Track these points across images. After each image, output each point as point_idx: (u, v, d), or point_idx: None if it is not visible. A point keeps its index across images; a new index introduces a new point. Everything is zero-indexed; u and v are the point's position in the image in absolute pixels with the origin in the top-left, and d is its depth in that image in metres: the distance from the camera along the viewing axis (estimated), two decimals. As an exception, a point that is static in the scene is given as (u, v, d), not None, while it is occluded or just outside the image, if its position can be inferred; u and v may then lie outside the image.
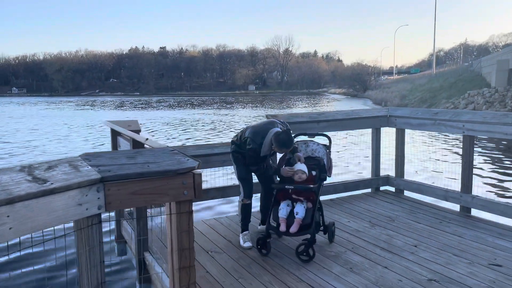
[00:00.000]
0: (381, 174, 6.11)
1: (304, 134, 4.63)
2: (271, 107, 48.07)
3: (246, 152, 4.00)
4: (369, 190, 6.11)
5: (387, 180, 6.10)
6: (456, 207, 5.21)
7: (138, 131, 4.56)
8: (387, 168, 6.36)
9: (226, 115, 35.03)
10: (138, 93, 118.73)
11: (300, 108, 46.17)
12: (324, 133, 4.59)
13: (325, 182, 4.26)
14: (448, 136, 16.54)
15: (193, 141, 18.40)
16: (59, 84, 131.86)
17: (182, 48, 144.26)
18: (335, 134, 6.58)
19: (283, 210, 3.87)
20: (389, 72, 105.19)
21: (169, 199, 2.31)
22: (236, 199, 6.98)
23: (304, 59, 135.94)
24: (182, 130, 23.24)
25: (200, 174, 2.36)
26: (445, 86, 39.57)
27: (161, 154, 2.36)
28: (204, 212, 7.19)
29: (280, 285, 3.35)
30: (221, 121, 28.92)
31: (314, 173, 4.11)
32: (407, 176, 6.11)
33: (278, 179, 4.29)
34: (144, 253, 3.50)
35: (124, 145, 4.11)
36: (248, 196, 4.18)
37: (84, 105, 56.65)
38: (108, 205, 2.13)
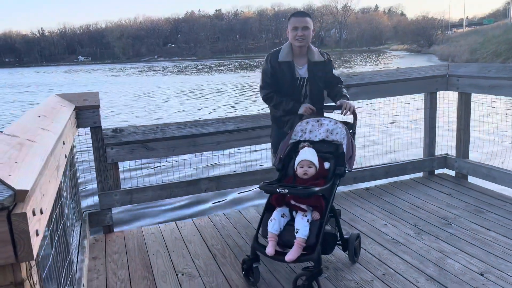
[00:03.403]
0: (436, 154, 4.63)
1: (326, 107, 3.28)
2: (335, 67, 45.58)
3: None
4: (420, 174, 4.66)
5: (444, 161, 4.61)
6: (545, 205, 3.69)
7: (96, 107, 3.47)
8: (445, 145, 4.85)
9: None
10: (195, 58, 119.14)
11: (362, 66, 43.23)
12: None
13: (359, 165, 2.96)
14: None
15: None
16: (120, 51, 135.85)
17: (237, 10, 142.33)
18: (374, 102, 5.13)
19: (274, 222, 2.58)
20: (459, 25, 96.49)
21: (-41, 266, 1.16)
22: (234, 190, 5.77)
23: (364, 14, 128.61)
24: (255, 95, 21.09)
25: (23, 215, 1.18)
26: (524, 36, 34.98)
27: None
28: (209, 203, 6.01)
29: None
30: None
31: (327, 165, 2.79)
32: (473, 157, 4.57)
33: (275, 164, 2.95)
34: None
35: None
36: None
37: (147, 71, 56.80)
38: None
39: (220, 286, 2.75)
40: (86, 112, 3.42)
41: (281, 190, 2.51)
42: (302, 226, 2.52)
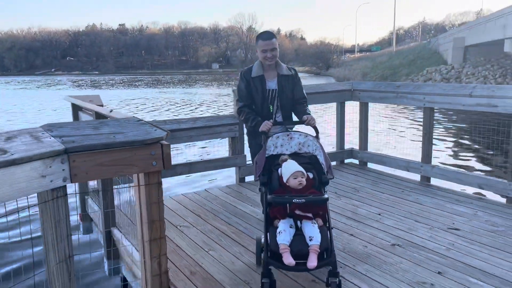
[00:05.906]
0: (345, 148, 6.24)
1: (279, 123, 3.57)
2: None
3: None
4: (334, 163, 6.22)
5: (351, 153, 6.24)
6: (417, 177, 5.40)
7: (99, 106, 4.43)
8: (351, 141, 6.50)
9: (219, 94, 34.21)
10: (97, 72, 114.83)
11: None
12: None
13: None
14: (410, 109, 17.04)
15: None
16: (11, 63, 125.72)
17: (142, 25, 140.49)
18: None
19: (284, 234, 2.60)
20: (351, 50, 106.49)
21: (138, 170, 2.26)
22: (204, 174, 7.03)
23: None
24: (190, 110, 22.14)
25: (168, 145, 2.33)
26: (404, 63, 40.56)
27: (127, 125, 2.30)
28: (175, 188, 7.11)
29: (250, 255, 3.39)
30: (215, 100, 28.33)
31: (311, 175, 2.97)
32: (371, 149, 6.26)
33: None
34: (111, 228, 3.43)
35: (86, 119, 3.98)
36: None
37: (54, 84, 53.36)
38: (74, 177, 2.06)
39: (211, 230, 3.92)
40: (92, 110, 4.36)
41: (297, 200, 2.58)
42: (315, 233, 2.60)
